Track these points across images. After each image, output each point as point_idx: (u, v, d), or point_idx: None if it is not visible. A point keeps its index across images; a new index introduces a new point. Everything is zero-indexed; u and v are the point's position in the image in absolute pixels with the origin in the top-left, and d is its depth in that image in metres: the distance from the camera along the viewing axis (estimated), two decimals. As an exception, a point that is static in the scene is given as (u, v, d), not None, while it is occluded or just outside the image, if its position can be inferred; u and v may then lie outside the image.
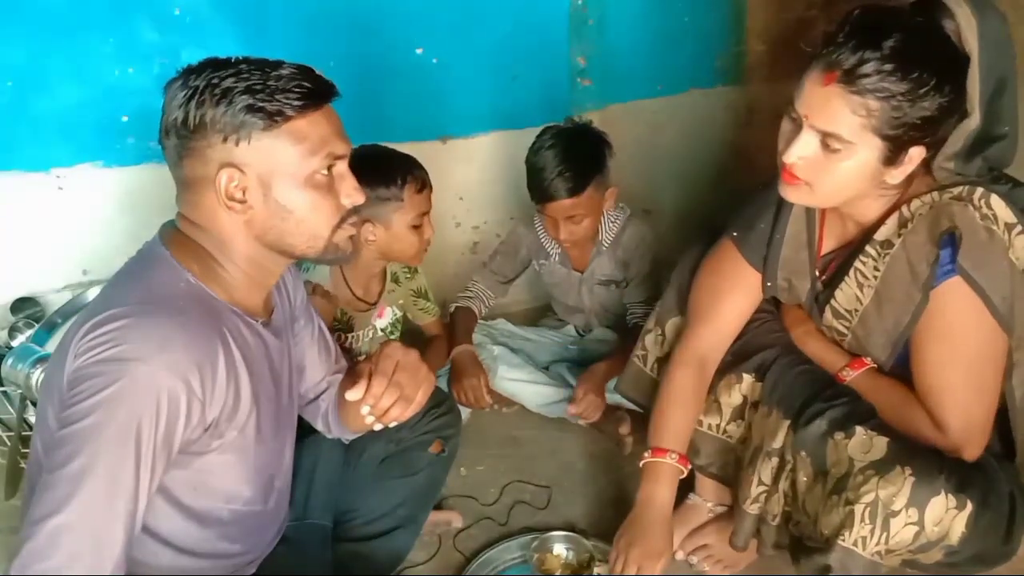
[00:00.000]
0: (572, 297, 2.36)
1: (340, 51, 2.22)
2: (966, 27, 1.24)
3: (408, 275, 2.13)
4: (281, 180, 1.12)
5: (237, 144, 1.09)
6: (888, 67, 1.19)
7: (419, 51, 2.39)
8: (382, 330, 2.02)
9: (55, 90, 2.07)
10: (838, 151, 1.25)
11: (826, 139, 1.25)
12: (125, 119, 2.15)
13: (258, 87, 1.08)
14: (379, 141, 2.21)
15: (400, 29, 2.34)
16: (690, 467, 1.56)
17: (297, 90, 1.10)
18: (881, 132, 1.22)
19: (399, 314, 2.08)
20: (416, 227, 1.84)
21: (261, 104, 1.08)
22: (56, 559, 0.97)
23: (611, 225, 2.22)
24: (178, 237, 1.17)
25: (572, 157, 2.04)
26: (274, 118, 1.09)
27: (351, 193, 1.17)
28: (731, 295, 1.56)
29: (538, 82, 2.54)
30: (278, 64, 1.12)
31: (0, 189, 2.10)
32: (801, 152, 1.27)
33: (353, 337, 1.94)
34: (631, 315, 2.24)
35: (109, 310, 1.06)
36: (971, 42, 1.24)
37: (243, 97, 1.08)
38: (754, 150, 2.79)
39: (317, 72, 1.14)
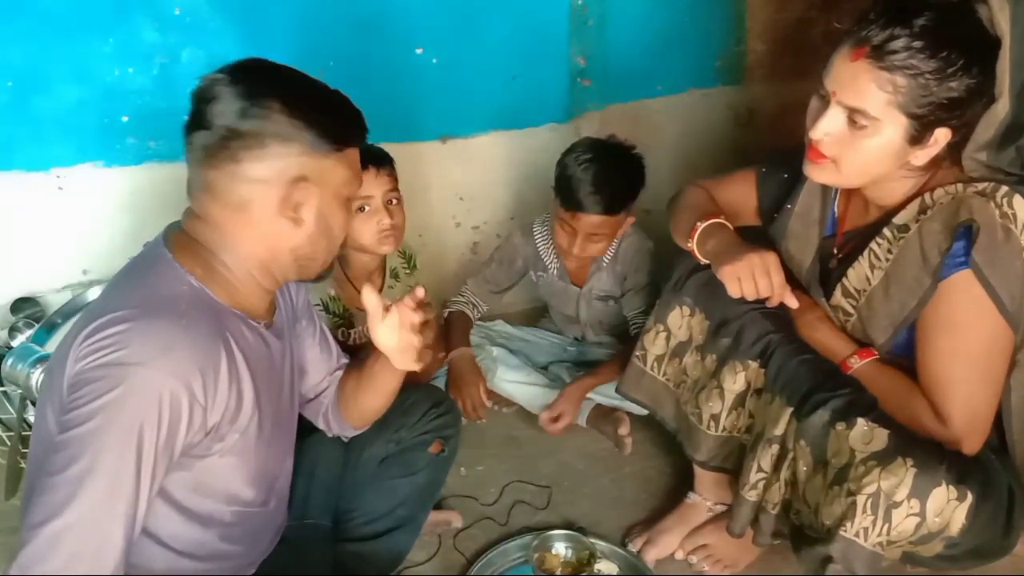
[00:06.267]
0: (570, 309, 2.34)
1: (340, 51, 2.22)
2: (999, 11, 1.25)
3: (408, 271, 2.14)
4: (333, 200, 1.18)
5: (314, 160, 1.13)
6: (917, 44, 1.20)
7: (419, 51, 2.38)
8: None
9: (55, 90, 2.07)
10: (864, 127, 1.27)
11: (853, 115, 1.27)
12: (125, 119, 2.15)
13: (335, 109, 1.16)
14: (379, 141, 2.21)
15: (400, 29, 2.34)
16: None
17: (355, 121, 1.18)
18: (907, 110, 1.24)
19: None
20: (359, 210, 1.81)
21: (339, 127, 1.15)
22: (55, 562, 0.96)
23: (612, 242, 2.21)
24: (182, 239, 1.17)
25: (616, 176, 2.02)
26: (345, 142, 1.16)
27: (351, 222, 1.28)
28: (733, 194, 1.65)
29: (538, 82, 2.53)
30: (327, 86, 1.17)
31: (0, 189, 2.10)
32: (828, 128, 1.29)
33: (356, 333, 1.96)
34: (634, 325, 2.21)
35: (110, 313, 1.06)
36: (1003, 27, 1.25)
37: (326, 118, 1.13)
38: (754, 150, 2.80)
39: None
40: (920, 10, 1.22)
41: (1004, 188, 1.29)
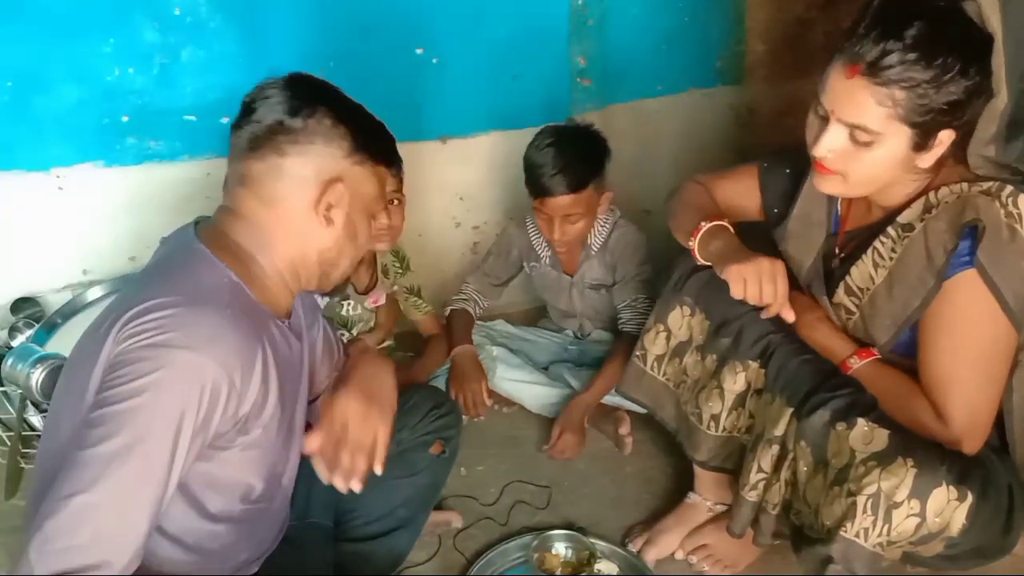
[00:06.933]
0: (563, 301, 2.35)
1: (340, 51, 2.22)
2: (987, 6, 1.24)
3: (399, 271, 2.17)
4: (362, 210, 1.23)
5: (353, 165, 1.19)
6: (912, 56, 1.20)
7: (419, 51, 2.39)
8: (371, 312, 2.17)
9: (55, 90, 2.07)
10: (868, 142, 1.27)
11: (854, 131, 1.27)
12: (125, 119, 2.15)
13: (373, 126, 1.23)
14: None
15: (400, 29, 2.34)
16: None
17: (391, 145, 1.27)
18: (909, 120, 1.24)
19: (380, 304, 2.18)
20: None
21: (380, 141, 1.23)
22: (80, 538, 0.96)
23: (600, 229, 2.21)
24: (215, 236, 1.18)
25: (575, 154, 2.05)
26: (382, 158, 1.23)
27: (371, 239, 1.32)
28: (735, 190, 1.64)
29: (538, 82, 2.54)
30: (368, 110, 1.24)
31: (0, 189, 2.10)
32: (830, 145, 1.29)
33: (349, 304, 2.07)
34: (621, 320, 2.23)
35: (153, 300, 1.06)
36: (995, 23, 1.24)
37: (372, 132, 1.21)
38: (754, 150, 2.80)
39: None
40: (910, 21, 1.21)
41: (1009, 187, 1.29)
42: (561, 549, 1.68)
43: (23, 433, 1.87)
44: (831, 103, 1.27)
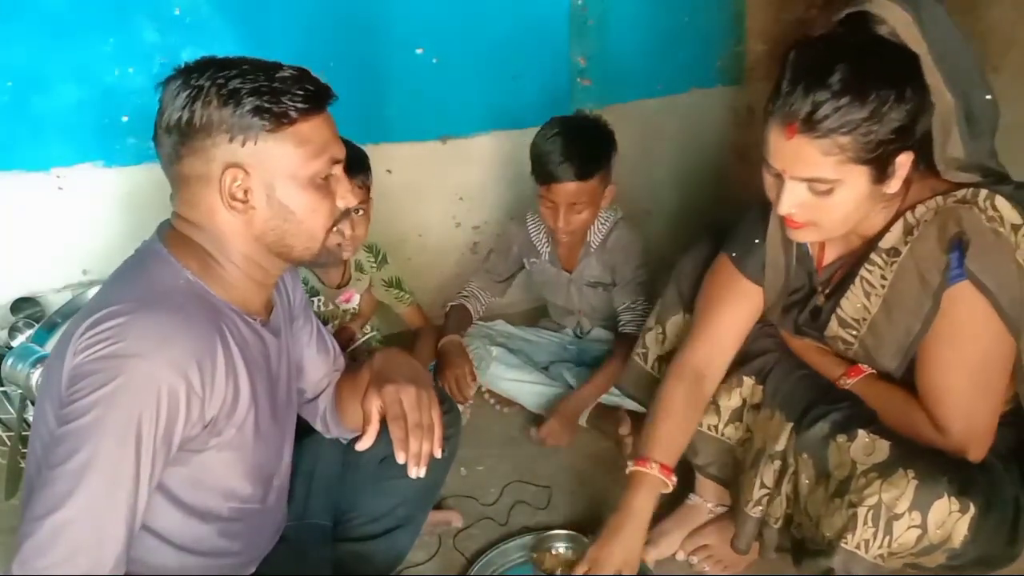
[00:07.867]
0: (562, 298, 2.36)
1: (340, 51, 2.22)
2: (901, 25, 1.23)
3: (374, 265, 2.17)
4: (284, 181, 1.13)
5: (243, 145, 1.10)
6: (844, 101, 1.17)
7: (419, 51, 2.39)
8: (344, 311, 2.16)
9: (55, 90, 2.07)
10: (828, 190, 1.24)
11: (811, 184, 1.24)
12: (125, 119, 2.15)
13: (264, 89, 1.09)
14: (379, 141, 2.22)
15: (400, 29, 2.34)
16: (675, 480, 1.51)
17: (300, 93, 1.11)
18: (861, 159, 1.21)
19: (359, 298, 2.18)
20: None
21: (268, 106, 1.09)
22: (57, 554, 0.97)
23: (600, 227, 2.22)
24: (175, 236, 1.17)
25: (584, 144, 2.06)
26: (280, 120, 1.10)
27: (345, 195, 1.19)
28: (730, 308, 1.55)
29: (538, 82, 2.54)
30: (279, 66, 1.13)
31: (0, 189, 2.10)
32: (792, 201, 1.27)
33: (320, 300, 2.07)
34: (621, 323, 2.23)
35: (108, 307, 1.06)
36: (913, 38, 1.22)
37: (250, 99, 1.08)
38: (754, 150, 2.80)
39: (315, 75, 1.15)
40: (830, 67, 1.17)
41: (983, 191, 1.27)
42: (561, 549, 1.68)
43: (23, 433, 1.87)
44: (779, 164, 1.25)
